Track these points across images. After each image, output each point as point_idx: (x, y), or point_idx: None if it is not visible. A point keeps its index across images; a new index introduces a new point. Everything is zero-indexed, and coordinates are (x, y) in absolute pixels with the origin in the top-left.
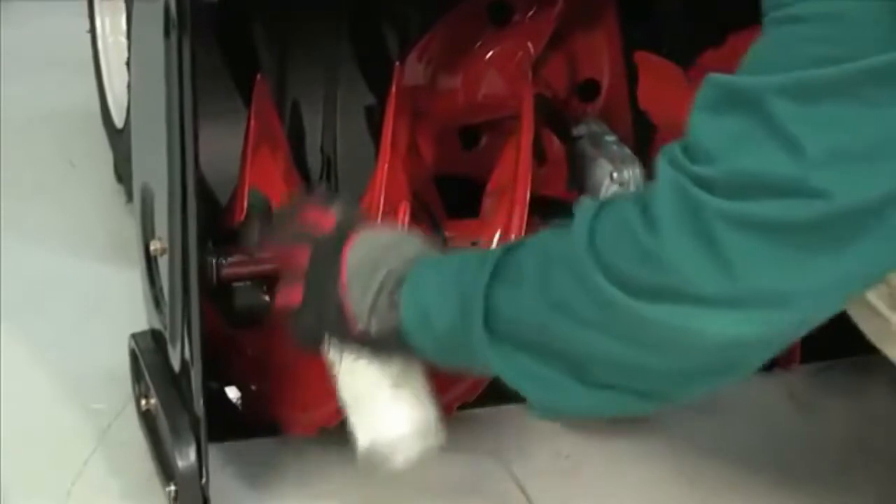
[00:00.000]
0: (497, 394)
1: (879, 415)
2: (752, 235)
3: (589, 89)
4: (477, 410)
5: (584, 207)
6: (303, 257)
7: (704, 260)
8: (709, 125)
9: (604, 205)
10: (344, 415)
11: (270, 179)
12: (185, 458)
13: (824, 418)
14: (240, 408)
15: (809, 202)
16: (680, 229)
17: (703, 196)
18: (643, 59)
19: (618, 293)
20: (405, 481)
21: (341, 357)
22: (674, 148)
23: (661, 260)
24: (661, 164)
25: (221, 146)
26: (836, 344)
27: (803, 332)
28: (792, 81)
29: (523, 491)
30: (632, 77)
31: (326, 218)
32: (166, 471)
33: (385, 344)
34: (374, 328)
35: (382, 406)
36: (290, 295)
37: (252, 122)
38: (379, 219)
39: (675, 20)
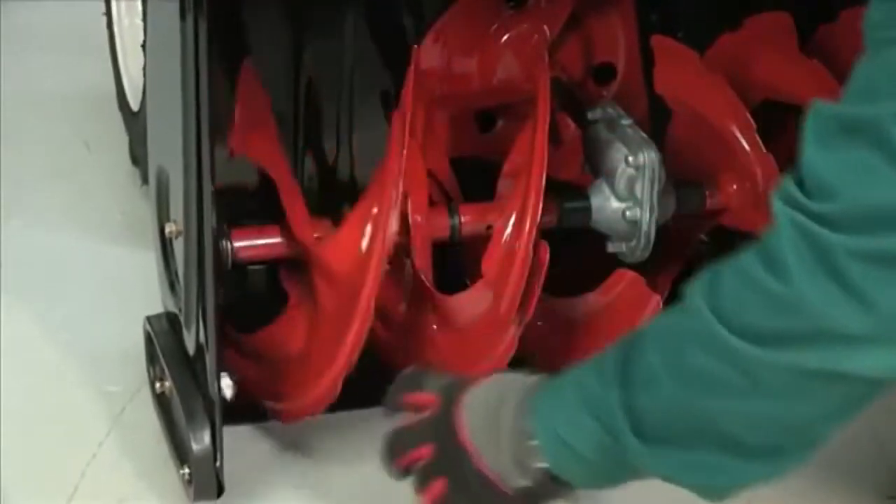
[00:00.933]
0: None
1: (894, 406)
2: (885, 268)
3: (605, 73)
4: None
5: (692, 282)
6: (427, 450)
7: (842, 299)
8: (825, 159)
9: (715, 270)
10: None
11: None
12: (200, 441)
13: None
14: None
15: None
16: (810, 271)
17: (828, 234)
18: (659, 42)
19: (757, 350)
20: None
21: None
22: (788, 186)
23: (799, 305)
24: (777, 204)
25: None
26: None
27: None
28: None
29: None
30: (648, 61)
31: (427, 398)
32: (180, 454)
33: (543, 490)
34: (523, 481)
35: None
36: (432, 492)
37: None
38: (397, 203)
39: (691, 3)
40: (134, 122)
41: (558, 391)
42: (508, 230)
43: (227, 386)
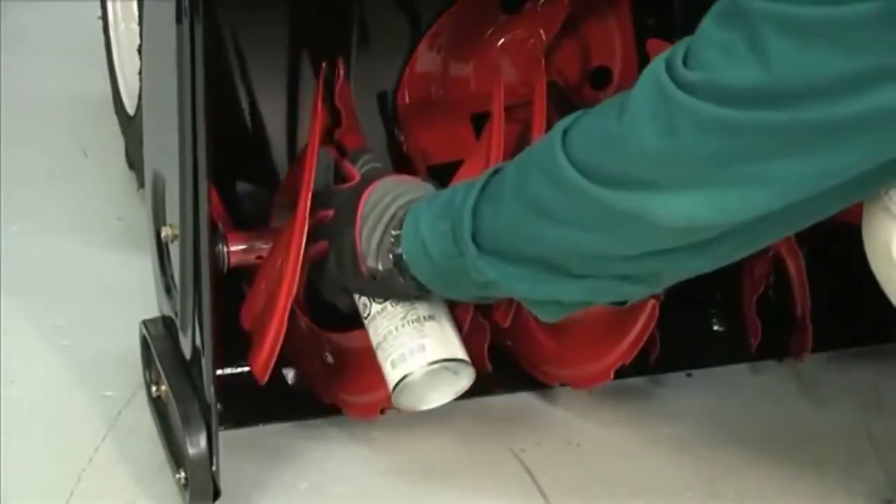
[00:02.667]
0: (508, 382)
1: (889, 404)
2: (712, 135)
3: (601, 77)
4: (488, 399)
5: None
6: (330, 212)
7: (667, 148)
8: (711, 35)
9: (587, 109)
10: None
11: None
12: (196, 445)
13: (834, 407)
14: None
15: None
16: (650, 119)
17: (680, 94)
18: (656, 46)
19: (584, 182)
20: (415, 464)
21: (370, 303)
22: (675, 49)
23: (627, 145)
24: (656, 59)
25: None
26: (846, 333)
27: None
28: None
29: (534, 479)
30: (644, 65)
31: (354, 173)
32: (177, 458)
33: (392, 280)
34: (380, 265)
35: (409, 340)
36: (315, 249)
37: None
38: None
39: (687, 7)
40: (130, 126)
41: (438, 196)
42: None
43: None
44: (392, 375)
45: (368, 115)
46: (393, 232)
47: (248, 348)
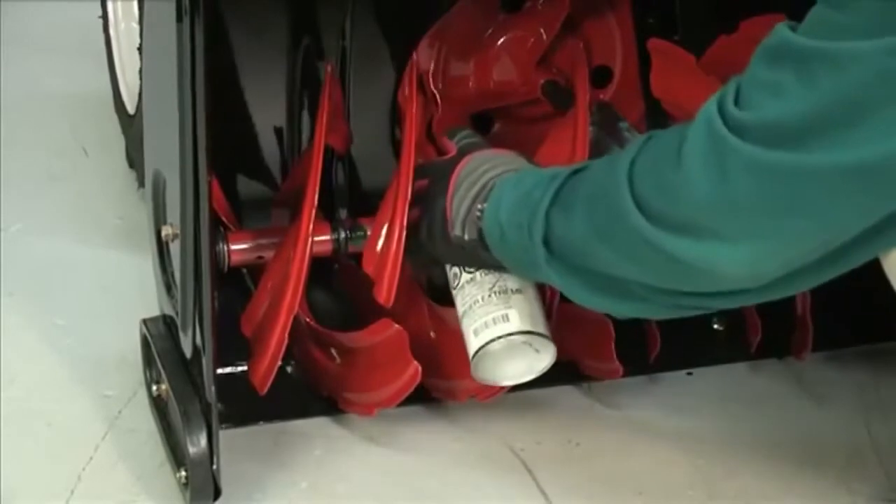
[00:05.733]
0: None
1: (889, 404)
2: (766, 178)
3: (601, 76)
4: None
5: (635, 140)
6: (425, 182)
7: (723, 198)
8: (760, 75)
9: (651, 136)
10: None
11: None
12: (196, 445)
13: (834, 406)
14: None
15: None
16: (704, 165)
17: (731, 138)
18: (656, 45)
19: (643, 222)
20: (415, 463)
21: (460, 273)
22: (727, 89)
23: (683, 194)
24: (709, 100)
25: None
26: (846, 333)
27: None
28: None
29: (534, 478)
30: (644, 64)
31: (451, 147)
32: (177, 457)
33: (477, 251)
34: (466, 235)
35: (494, 309)
36: (410, 216)
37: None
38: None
39: (688, 6)
40: (130, 125)
41: (522, 180)
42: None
43: None
44: (473, 343)
45: (369, 114)
46: (479, 206)
47: (248, 350)
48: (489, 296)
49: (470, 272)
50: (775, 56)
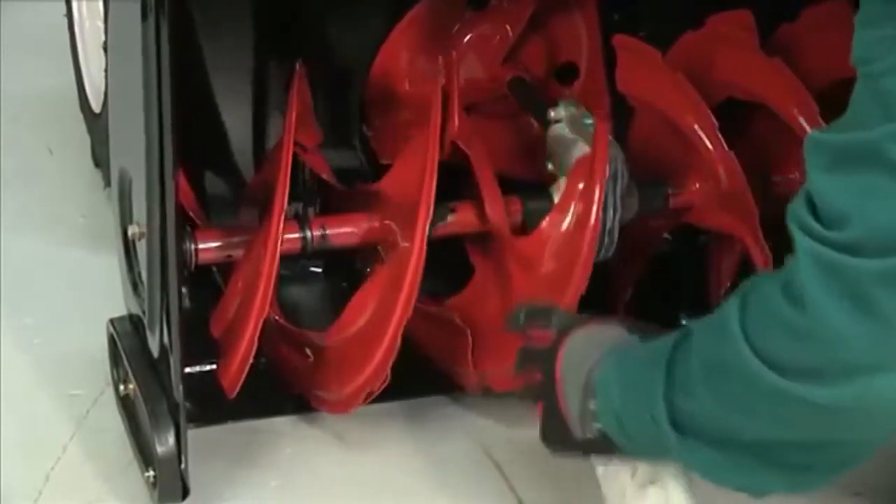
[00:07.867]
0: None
1: None
2: None
3: (567, 72)
4: (458, 397)
5: (728, 303)
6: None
7: (867, 325)
8: (833, 186)
9: (746, 293)
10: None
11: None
12: (164, 444)
13: None
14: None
15: None
16: (834, 299)
17: (849, 260)
18: (621, 41)
19: (779, 380)
20: (387, 463)
21: (600, 463)
22: (803, 216)
23: (820, 336)
24: (795, 234)
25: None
26: None
27: None
28: None
29: (504, 475)
30: (610, 60)
31: (544, 333)
32: (145, 456)
33: (602, 446)
34: (587, 434)
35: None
36: (538, 409)
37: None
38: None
39: (653, 3)
40: (96, 124)
41: (622, 364)
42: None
43: None
44: None
45: (337, 111)
46: (591, 406)
47: (217, 350)
48: (624, 491)
49: (604, 463)
50: (847, 160)
